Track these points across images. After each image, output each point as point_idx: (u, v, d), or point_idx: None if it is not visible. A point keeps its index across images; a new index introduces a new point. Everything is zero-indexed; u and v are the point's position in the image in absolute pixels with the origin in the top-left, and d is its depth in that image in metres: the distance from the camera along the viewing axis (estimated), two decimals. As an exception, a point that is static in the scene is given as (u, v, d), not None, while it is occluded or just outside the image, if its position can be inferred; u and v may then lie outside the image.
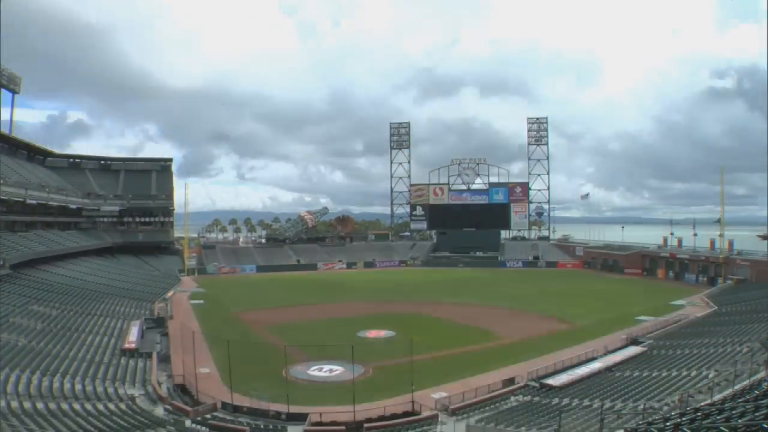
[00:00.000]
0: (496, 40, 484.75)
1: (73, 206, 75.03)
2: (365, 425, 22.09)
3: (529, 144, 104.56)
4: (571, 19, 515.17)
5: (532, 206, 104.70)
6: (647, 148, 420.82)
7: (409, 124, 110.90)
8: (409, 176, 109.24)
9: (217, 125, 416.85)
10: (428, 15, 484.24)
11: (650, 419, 15.88)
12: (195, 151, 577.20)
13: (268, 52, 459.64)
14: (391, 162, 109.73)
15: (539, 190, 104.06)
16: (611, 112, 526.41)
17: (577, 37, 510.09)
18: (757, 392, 14.48)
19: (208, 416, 22.97)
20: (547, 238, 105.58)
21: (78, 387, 24.48)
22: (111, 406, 22.53)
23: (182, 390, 27.51)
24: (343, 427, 22.03)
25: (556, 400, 24.27)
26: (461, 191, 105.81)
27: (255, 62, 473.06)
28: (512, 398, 25.68)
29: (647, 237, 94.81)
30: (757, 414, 9.32)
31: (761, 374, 20.40)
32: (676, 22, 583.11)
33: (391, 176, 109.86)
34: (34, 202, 61.56)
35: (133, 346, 33.48)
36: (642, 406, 20.06)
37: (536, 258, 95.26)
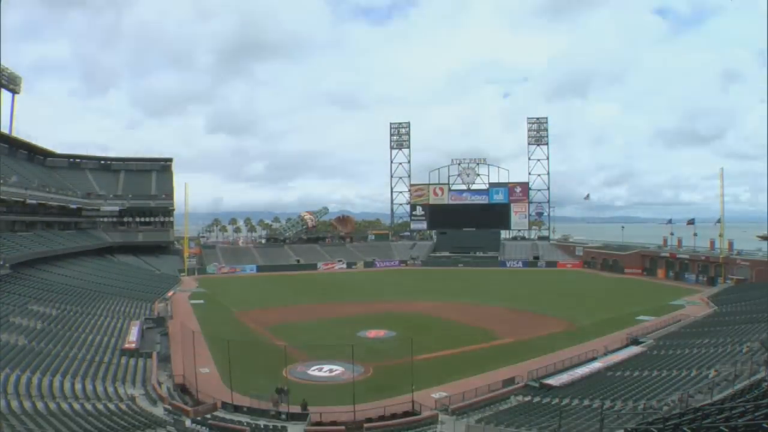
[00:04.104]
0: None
1: (73, 206, 75.00)
2: (365, 425, 22.10)
3: (529, 144, 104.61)
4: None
5: (532, 206, 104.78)
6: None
7: (409, 124, 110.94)
8: (409, 176, 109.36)
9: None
10: None
11: (650, 419, 15.87)
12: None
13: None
14: (391, 162, 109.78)
15: (539, 190, 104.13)
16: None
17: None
18: (757, 392, 14.47)
19: (208, 416, 22.96)
20: (547, 238, 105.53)
21: (78, 387, 24.48)
22: (111, 406, 22.52)
23: (182, 390, 27.52)
24: (343, 427, 22.03)
25: (556, 400, 24.24)
26: (461, 191, 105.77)
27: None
28: (512, 398, 25.67)
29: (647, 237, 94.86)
30: (757, 414, 9.32)
31: (761, 374, 20.38)
32: None
33: (391, 176, 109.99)
34: (34, 202, 61.52)
35: (133, 346, 33.48)
36: (642, 406, 20.06)
37: (536, 258, 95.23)
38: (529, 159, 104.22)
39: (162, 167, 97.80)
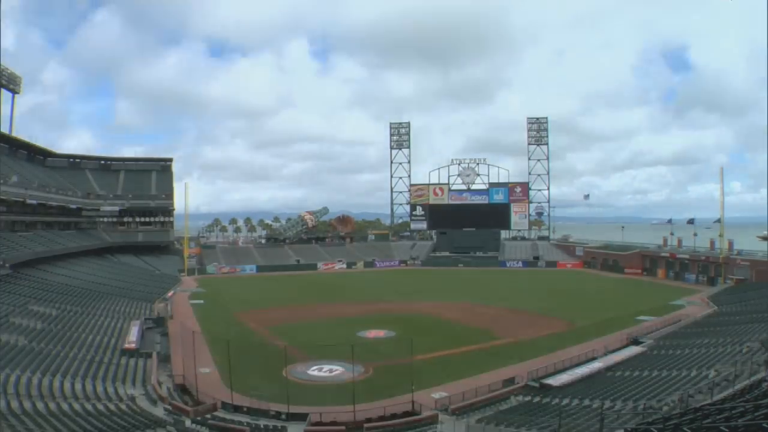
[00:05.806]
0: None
1: (73, 206, 75.02)
2: (365, 425, 22.10)
3: (529, 144, 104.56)
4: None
5: (532, 206, 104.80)
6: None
7: (409, 124, 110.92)
8: (409, 176, 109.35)
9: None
10: None
11: (650, 419, 15.87)
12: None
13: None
14: (391, 162, 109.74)
15: (539, 190, 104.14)
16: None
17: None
18: (757, 392, 14.47)
19: (208, 416, 22.96)
20: (547, 238, 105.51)
21: (78, 387, 24.46)
22: (111, 406, 22.51)
23: (182, 390, 27.52)
24: (343, 427, 22.02)
25: (556, 400, 24.25)
26: (461, 191, 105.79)
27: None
28: (512, 398, 25.68)
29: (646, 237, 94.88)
30: (757, 414, 9.32)
31: (761, 374, 20.38)
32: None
33: (391, 176, 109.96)
34: (34, 202, 61.55)
35: (133, 346, 33.43)
36: (642, 406, 20.05)
37: (536, 258, 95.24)
38: (529, 159, 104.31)
39: (162, 167, 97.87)
